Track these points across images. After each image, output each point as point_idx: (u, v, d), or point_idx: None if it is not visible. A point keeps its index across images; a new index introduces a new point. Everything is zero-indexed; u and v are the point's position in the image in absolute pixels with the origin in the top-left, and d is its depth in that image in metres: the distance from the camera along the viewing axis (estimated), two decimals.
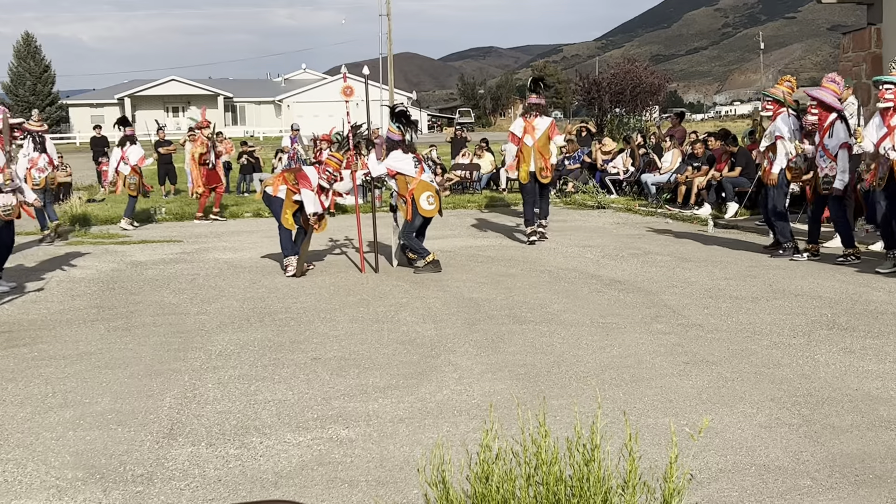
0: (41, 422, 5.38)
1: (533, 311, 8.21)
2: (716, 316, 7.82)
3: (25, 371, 6.53)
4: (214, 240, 13.94)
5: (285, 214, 10.26)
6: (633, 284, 9.35)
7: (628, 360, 6.48)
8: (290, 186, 10.26)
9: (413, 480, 4.25)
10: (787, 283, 9.25)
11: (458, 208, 18.21)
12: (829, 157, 9.96)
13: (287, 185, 10.29)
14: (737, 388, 5.74)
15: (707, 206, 15.52)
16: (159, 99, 74.23)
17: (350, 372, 6.32)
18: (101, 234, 14.73)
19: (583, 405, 5.27)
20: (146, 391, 5.97)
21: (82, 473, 4.55)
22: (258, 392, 5.90)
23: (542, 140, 12.34)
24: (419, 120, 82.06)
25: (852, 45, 14.74)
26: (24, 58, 73.40)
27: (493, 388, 5.87)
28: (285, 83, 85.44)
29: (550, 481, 2.96)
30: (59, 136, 68.05)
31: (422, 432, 5.04)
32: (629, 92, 40.06)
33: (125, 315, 8.43)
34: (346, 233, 13.65)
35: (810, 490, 4.17)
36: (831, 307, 8.06)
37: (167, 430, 5.19)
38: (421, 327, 7.66)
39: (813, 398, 5.52)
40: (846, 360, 6.36)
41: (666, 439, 4.71)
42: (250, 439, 5.00)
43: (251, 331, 7.67)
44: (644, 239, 12.86)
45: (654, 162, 18.60)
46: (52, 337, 7.61)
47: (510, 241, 13.00)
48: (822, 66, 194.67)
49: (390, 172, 10.50)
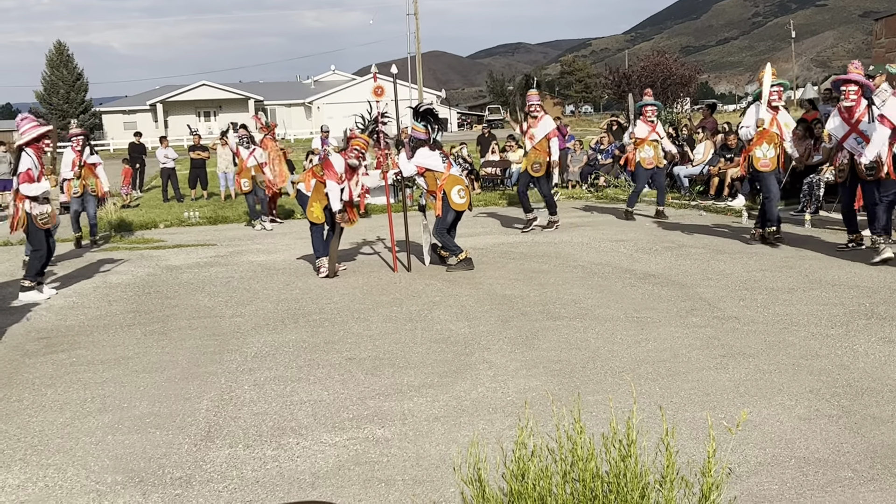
0: (80, 426, 5.44)
1: (566, 306, 8.18)
2: (752, 308, 7.75)
3: (64, 376, 6.60)
4: (248, 242, 14.02)
5: (311, 207, 10.31)
6: (667, 278, 9.29)
7: (664, 354, 6.43)
8: (318, 178, 10.30)
9: (450, 479, 4.25)
10: (824, 273, 9.14)
11: (490, 205, 18.17)
12: (867, 141, 9.70)
13: (316, 178, 10.33)
14: (775, 381, 5.69)
15: (741, 198, 15.39)
16: (191, 104, 74.78)
17: (385, 371, 6.33)
18: (137, 240, 14.86)
19: (618, 400, 5.25)
20: (183, 394, 6.02)
21: (122, 477, 4.59)
22: (294, 393, 5.92)
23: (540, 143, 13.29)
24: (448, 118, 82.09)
25: (885, 30, 14.57)
26: (57, 66, 74.15)
27: (527, 384, 5.85)
28: (315, 85, 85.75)
29: (587, 478, 2.94)
30: (94, 144, 68.75)
31: (457, 430, 5.03)
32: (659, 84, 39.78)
33: (161, 319, 8.50)
34: (377, 232, 13.68)
35: (851, 482, 4.12)
36: (869, 296, 7.96)
37: (205, 432, 5.23)
38: (455, 325, 7.65)
39: (852, 389, 5.45)
40: (886, 349, 6.28)
41: (703, 433, 4.68)
42: (287, 440, 5.02)
43: (286, 332, 7.70)
44: (677, 232, 12.77)
45: (686, 154, 18.47)
46: (90, 342, 7.68)
47: (542, 238, 12.96)
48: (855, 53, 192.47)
49: (419, 170, 10.51)
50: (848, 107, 9.93)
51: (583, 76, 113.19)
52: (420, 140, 10.58)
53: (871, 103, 9.73)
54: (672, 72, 39.44)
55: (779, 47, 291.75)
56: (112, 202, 20.24)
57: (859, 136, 9.81)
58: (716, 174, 16.68)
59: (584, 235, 12.86)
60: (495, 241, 12.78)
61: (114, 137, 68.78)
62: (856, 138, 9.87)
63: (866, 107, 9.73)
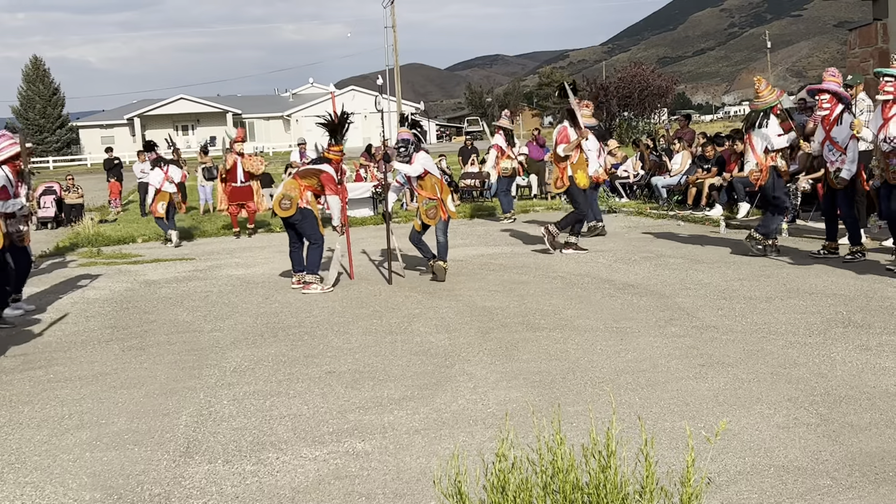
0: (58, 444, 5.39)
1: (546, 317, 8.19)
2: (730, 317, 7.79)
3: (41, 393, 6.55)
4: (227, 256, 13.98)
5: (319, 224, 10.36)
6: (646, 288, 9.33)
7: (643, 364, 6.45)
8: (315, 190, 10.26)
9: (430, 492, 4.24)
10: (801, 281, 9.21)
11: (469, 217, 18.19)
12: (838, 149, 9.85)
13: (312, 190, 10.27)
14: (753, 390, 5.71)
15: (718, 207, 15.48)
16: (168, 118, 74.57)
17: (365, 384, 6.31)
18: (114, 254, 14.77)
19: (598, 411, 5.27)
20: (162, 410, 5.98)
21: (100, 494, 4.55)
22: (273, 407, 5.89)
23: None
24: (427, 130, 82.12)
25: (859, 41, 14.70)
26: (34, 81, 73.72)
27: (508, 396, 5.85)
28: (293, 98, 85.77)
29: (567, 489, 2.94)
30: (70, 158, 68.39)
31: (438, 443, 5.02)
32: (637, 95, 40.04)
33: (139, 334, 8.45)
34: (357, 245, 13.65)
35: (830, 490, 4.14)
36: (846, 304, 8.01)
37: (184, 448, 5.20)
38: (434, 337, 7.65)
39: (830, 397, 5.48)
40: (863, 357, 6.32)
41: (683, 443, 4.69)
42: (267, 455, 4.99)
43: (265, 346, 7.68)
44: (656, 242, 12.82)
45: (663, 164, 18.57)
46: (68, 358, 7.63)
47: (522, 249, 12.99)
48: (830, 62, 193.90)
49: (424, 172, 10.46)
50: (822, 116, 10.05)
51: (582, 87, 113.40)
52: (406, 140, 10.51)
53: (845, 110, 9.85)
54: (649, 83, 39.72)
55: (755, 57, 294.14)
56: (89, 217, 20.16)
57: (831, 143, 9.93)
58: (693, 184, 16.77)
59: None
60: (475, 252, 12.80)
61: (91, 152, 68.43)
62: (829, 146, 9.99)
63: (839, 114, 9.86)
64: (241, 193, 16.57)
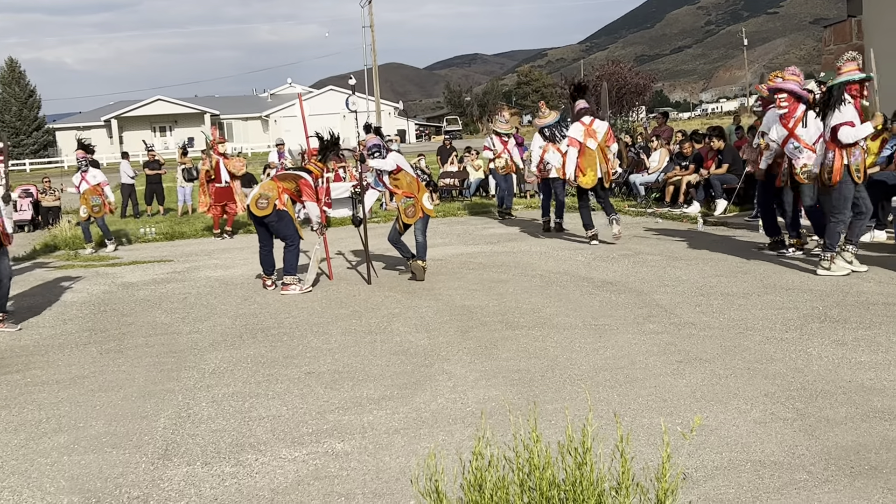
0: (36, 448, 5.36)
1: (525, 315, 8.21)
2: (707, 313, 7.83)
3: (18, 397, 6.51)
4: (205, 258, 13.92)
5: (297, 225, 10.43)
6: (624, 285, 9.36)
7: (622, 361, 6.48)
8: (292, 195, 10.30)
9: (409, 491, 4.24)
10: (778, 277, 9.27)
11: (448, 216, 18.20)
12: (805, 146, 9.90)
13: (289, 194, 10.29)
14: (730, 385, 5.75)
15: (696, 205, 15.56)
16: (146, 119, 74.20)
17: (344, 385, 6.31)
18: (92, 257, 14.69)
19: (576, 408, 5.29)
20: (140, 413, 5.96)
21: (78, 498, 4.53)
22: (252, 409, 5.88)
23: (602, 143, 12.44)
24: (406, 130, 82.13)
25: (834, 37, 14.83)
26: (9, 83, 73.20)
27: (487, 394, 5.86)
28: (271, 98, 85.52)
29: (544, 486, 2.96)
30: (47, 161, 67.90)
31: (417, 442, 5.03)
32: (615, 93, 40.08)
33: (117, 337, 8.41)
34: (335, 246, 13.63)
35: (806, 484, 4.17)
36: (822, 300, 8.08)
37: (162, 450, 5.18)
38: (414, 337, 7.65)
39: (807, 392, 5.53)
40: (839, 352, 6.38)
41: (660, 439, 4.71)
42: (246, 457, 4.98)
43: (244, 347, 7.66)
44: (634, 239, 12.87)
45: (641, 162, 18.64)
46: (45, 362, 7.58)
47: (501, 248, 13.01)
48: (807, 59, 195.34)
49: (397, 168, 10.51)
50: (782, 114, 10.15)
51: (539, 86, 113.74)
52: (377, 144, 10.59)
53: (808, 108, 9.93)
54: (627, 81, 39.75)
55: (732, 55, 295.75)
56: (67, 219, 20.02)
57: (796, 140, 10.00)
58: (671, 181, 16.85)
59: (543, 244, 12.94)
60: (454, 251, 12.80)
61: (68, 154, 67.88)
62: (793, 143, 10.05)
63: (803, 112, 9.95)
64: (225, 194, 16.54)
